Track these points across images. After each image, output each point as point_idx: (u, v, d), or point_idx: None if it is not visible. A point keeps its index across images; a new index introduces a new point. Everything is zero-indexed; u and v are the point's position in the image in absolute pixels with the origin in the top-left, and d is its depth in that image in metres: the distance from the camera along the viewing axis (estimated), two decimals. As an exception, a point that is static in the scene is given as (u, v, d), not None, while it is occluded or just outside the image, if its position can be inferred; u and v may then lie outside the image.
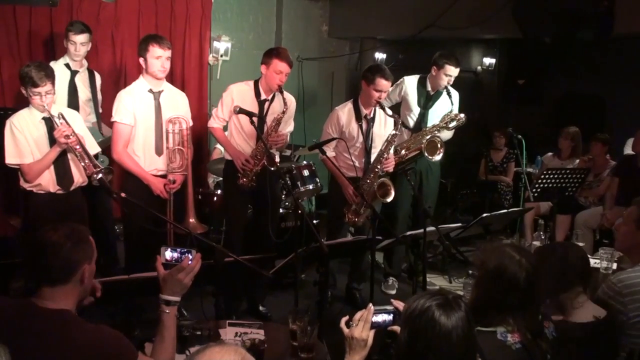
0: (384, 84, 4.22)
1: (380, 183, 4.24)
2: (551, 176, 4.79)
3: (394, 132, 4.29)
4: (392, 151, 4.41)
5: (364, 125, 4.39)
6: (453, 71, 4.68)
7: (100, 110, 4.77)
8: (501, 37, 7.60)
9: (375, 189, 4.23)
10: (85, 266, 2.02)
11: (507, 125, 6.24)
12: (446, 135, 4.79)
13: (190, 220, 4.02)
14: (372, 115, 4.43)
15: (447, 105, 4.77)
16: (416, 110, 4.83)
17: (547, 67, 8.34)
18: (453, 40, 7.18)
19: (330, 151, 4.35)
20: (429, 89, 4.83)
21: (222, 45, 6.22)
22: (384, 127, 4.47)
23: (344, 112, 4.42)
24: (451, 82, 4.73)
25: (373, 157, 4.39)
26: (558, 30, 5.34)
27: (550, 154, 6.13)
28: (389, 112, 4.31)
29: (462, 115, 4.68)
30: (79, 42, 4.45)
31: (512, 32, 5.72)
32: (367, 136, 4.41)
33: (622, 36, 5.51)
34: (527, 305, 2.10)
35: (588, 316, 2.34)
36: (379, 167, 4.29)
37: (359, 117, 4.39)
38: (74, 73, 4.51)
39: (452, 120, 4.68)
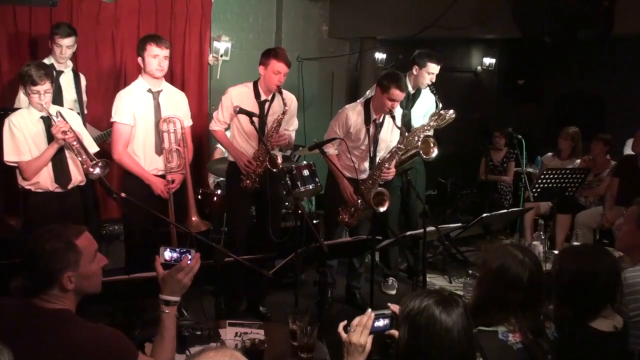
0: (398, 94, 4.17)
1: (377, 192, 4.23)
2: (551, 176, 4.79)
3: (398, 145, 4.28)
4: (394, 163, 4.39)
5: (372, 130, 4.37)
6: (435, 69, 4.66)
7: (85, 112, 4.76)
8: (501, 37, 7.60)
9: (371, 197, 4.22)
10: (67, 274, 1.96)
11: (507, 125, 6.24)
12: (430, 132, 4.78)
13: (193, 218, 4.02)
14: (381, 120, 4.41)
15: (430, 103, 4.75)
16: (399, 111, 4.81)
17: (547, 67, 8.35)
18: (453, 40, 7.19)
19: (332, 149, 4.35)
20: (410, 88, 4.79)
21: (222, 45, 6.22)
22: (391, 132, 4.44)
23: (354, 112, 4.39)
24: (433, 80, 4.70)
25: (376, 160, 4.39)
26: (558, 30, 5.34)
27: (550, 154, 6.12)
28: (398, 123, 4.27)
29: (451, 111, 4.65)
30: (65, 45, 4.45)
31: (512, 32, 5.71)
32: (374, 141, 4.39)
33: (622, 36, 5.50)
34: (530, 305, 2.10)
35: (609, 326, 2.31)
36: (378, 174, 4.29)
37: (367, 120, 4.37)
38: (58, 73, 4.50)
39: (444, 119, 4.65)
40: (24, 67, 3.59)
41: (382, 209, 4.21)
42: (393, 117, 4.24)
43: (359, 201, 4.26)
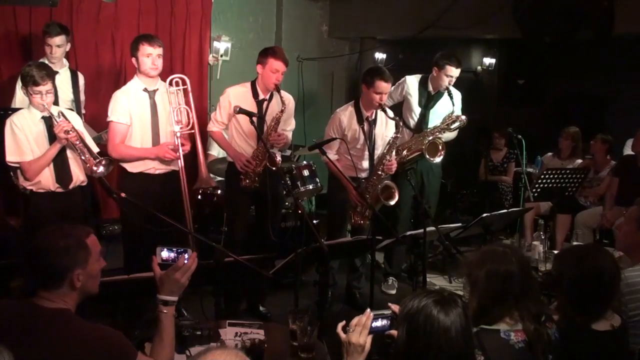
0: (384, 86, 4.22)
1: (384, 186, 4.24)
2: (551, 176, 4.79)
3: (395, 135, 4.29)
4: (394, 154, 4.41)
5: (366, 127, 4.39)
6: (454, 72, 4.67)
7: (84, 112, 4.73)
8: (501, 37, 7.60)
9: (379, 192, 4.23)
10: (77, 271, 2.00)
11: (507, 125, 6.23)
12: (449, 135, 4.79)
13: (203, 172, 4.07)
14: (373, 117, 4.42)
15: (448, 106, 4.76)
16: (417, 110, 4.82)
17: (547, 67, 8.34)
18: (453, 40, 7.18)
19: (332, 154, 4.36)
20: (430, 89, 4.83)
21: (222, 45, 6.22)
22: (385, 127, 4.47)
23: (346, 114, 4.41)
24: (452, 83, 4.72)
25: (375, 158, 4.39)
26: (558, 30, 5.34)
27: (550, 154, 6.13)
28: (391, 114, 4.31)
29: (463, 117, 4.68)
30: (55, 45, 4.39)
31: (512, 32, 5.71)
32: (370, 138, 4.40)
33: (622, 36, 5.51)
34: (528, 289, 2.12)
35: (606, 325, 2.31)
36: (381, 169, 4.29)
37: (360, 119, 4.38)
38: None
39: (454, 121, 4.67)
40: (25, 68, 3.59)
41: (392, 202, 4.23)
42: (384, 110, 4.26)
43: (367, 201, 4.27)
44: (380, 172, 4.31)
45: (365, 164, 4.45)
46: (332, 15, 7.40)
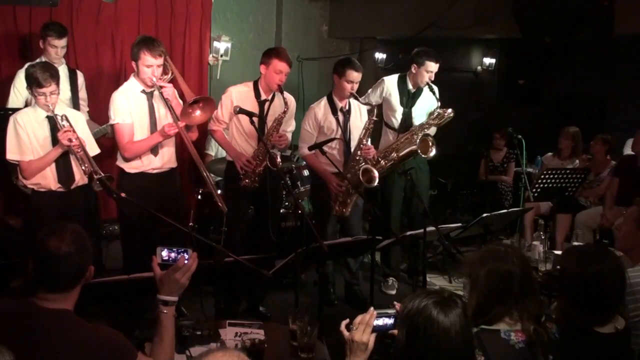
0: (354, 75, 4.31)
1: (363, 169, 4.27)
2: (551, 176, 4.79)
3: (370, 118, 4.37)
4: (369, 139, 4.44)
5: (341, 118, 4.45)
6: (434, 67, 4.68)
7: (87, 109, 4.71)
8: (501, 37, 7.60)
9: (359, 176, 4.25)
10: (91, 267, 2.06)
11: (507, 125, 6.24)
12: (431, 130, 4.79)
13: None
14: (347, 107, 4.49)
15: (430, 101, 4.78)
16: (400, 109, 4.81)
17: (547, 67, 8.35)
18: (453, 40, 7.19)
19: (305, 149, 4.39)
20: (410, 87, 4.82)
21: (222, 45, 6.22)
22: (360, 118, 4.53)
23: (320, 107, 4.48)
24: (432, 79, 4.72)
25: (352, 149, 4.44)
26: (558, 30, 5.35)
27: (550, 154, 6.12)
28: (363, 101, 4.45)
29: (449, 110, 4.67)
30: (60, 46, 4.37)
31: (512, 32, 5.72)
32: (345, 128, 4.45)
33: (622, 36, 5.51)
34: (528, 289, 2.12)
35: (610, 327, 2.29)
36: (359, 153, 4.35)
37: (334, 110, 4.44)
38: None
39: (442, 117, 4.66)
40: (29, 68, 3.59)
41: (374, 184, 4.27)
42: (356, 98, 4.38)
43: (347, 186, 4.30)
44: (358, 157, 4.35)
45: (343, 154, 4.47)
46: (332, 15, 7.41)
